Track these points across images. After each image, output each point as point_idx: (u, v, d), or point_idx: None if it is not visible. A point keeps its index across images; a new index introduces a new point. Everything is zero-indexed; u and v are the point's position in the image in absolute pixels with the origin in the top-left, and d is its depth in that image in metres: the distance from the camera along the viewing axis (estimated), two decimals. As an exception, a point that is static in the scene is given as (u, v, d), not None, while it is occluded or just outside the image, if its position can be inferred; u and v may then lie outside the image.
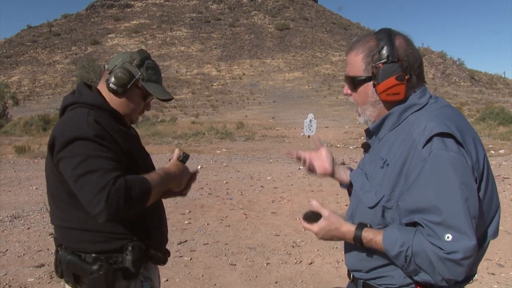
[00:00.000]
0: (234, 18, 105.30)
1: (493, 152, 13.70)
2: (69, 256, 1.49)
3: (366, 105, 1.31)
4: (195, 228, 5.39)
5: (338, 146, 17.77)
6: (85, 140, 1.38)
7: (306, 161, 1.58)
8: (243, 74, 71.42)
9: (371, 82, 1.26)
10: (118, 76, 1.54)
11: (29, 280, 3.72)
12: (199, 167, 10.79)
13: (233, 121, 29.88)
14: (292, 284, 3.72)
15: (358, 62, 1.28)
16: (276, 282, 3.75)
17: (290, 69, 73.75)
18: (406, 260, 1.13)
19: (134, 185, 1.34)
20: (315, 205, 1.36)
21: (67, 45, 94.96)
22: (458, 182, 1.08)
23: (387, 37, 1.24)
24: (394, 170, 1.19)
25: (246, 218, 5.89)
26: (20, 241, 4.84)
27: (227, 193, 7.58)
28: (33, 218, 5.87)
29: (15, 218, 5.80)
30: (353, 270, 1.35)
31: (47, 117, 23.48)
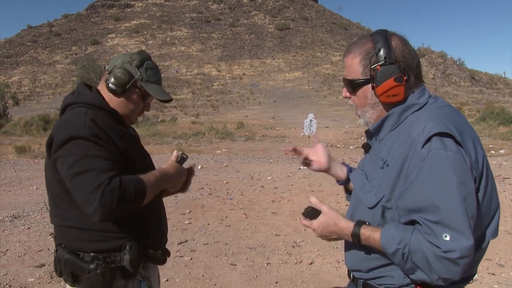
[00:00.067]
0: (234, 18, 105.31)
1: (493, 152, 13.69)
2: (66, 255, 1.50)
3: (366, 107, 1.32)
4: (196, 228, 5.39)
5: (338, 146, 17.76)
6: (81, 139, 1.38)
7: (302, 154, 1.60)
8: (243, 74, 71.43)
9: (370, 85, 1.26)
10: (117, 76, 1.55)
11: (29, 280, 3.73)
12: (199, 167, 10.79)
13: (233, 121, 29.89)
14: (292, 284, 3.72)
15: (355, 65, 1.28)
16: (276, 282, 3.75)
17: (290, 69, 73.76)
18: (403, 257, 1.13)
19: (129, 185, 1.34)
20: (314, 201, 1.36)
21: (68, 45, 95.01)
22: (457, 181, 1.08)
23: (383, 38, 1.24)
24: (393, 170, 1.19)
25: (246, 218, 5.89)
26: (20, 241, 4.85)
27: (228, 193, 7.58)
28: (33, 218, 5.87)
29: (16, 218, 5.80)
30: (353, 270, 1.36)
31: (48, 117, 23.46)
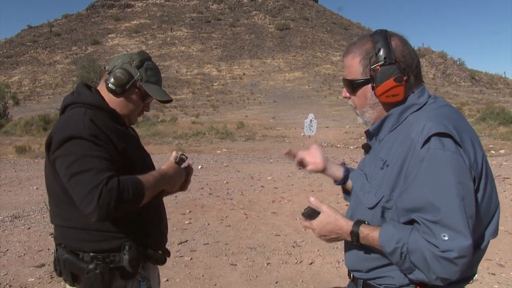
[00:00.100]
0: (235, 18, 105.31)
1: (493, 152, 13.68)
2: (66, 254, 1.50)
3: (365, 107, 1.32)
4: (196, 228, 5.39)
5: (339, 146, 17.76)
6: (80, 139, 1.39)
7: (297, 156, 1.61)
8: (244, 74, 71.43)
9: (370, 85, 1.26)
10: (117, 76, 1.56)
11: (29, 280, 3.73)
12: (200, 167, 10.79)
13: (233, 121, 29.89)
14: (292, 284, 3.72)
15: (355, 65, 1.28)
16: (276, 282, 3.75)
17: (291, 69, 73.75)
18: (401, 257, 1.13)
19: (127, 186, 1.34)
20: (314, 202, 1.36)
21: (68, 45, 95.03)
22: (455, 181, 1.08)
23: (383, 39, 1.24)
24: (393, 170, 1.19)
25: (247, 218, 5.89)
26: (20, 241, 4.85)
27: (228, 193, 7.58)
28: (33, 218, 5.87)
29: (16, 218, 5.80)
30: (353, 270, 1.36)
31: (48, 117, 23.45)
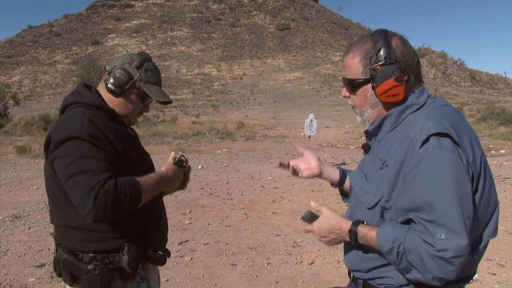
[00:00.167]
0: (235, 18, 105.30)
1: (493, 152, 13.68)
2: (65, 255, 1.50)
3: (365, 107, 1.32)
4: (196, 228, 5.39)
5: (339, 146, 17.76)
6: (78, 139, 1.38)
7: (290, 166, 1.59)
8: (244, 74, 71.42)
9: (370, 84, 1.26)
10: (117, 76, 1.55)
11: (30, 280, 3.73)
12: (200, 167, 10.79)
13: (233, 121, 29.89)
14: (292, 284, 3.72)
15: (355, 65, 1.28)
16: (276, 282, 3.75)
17: (291, 69, 73.74)
18: (398, 256, 1.13)
19: (124, 187, 1.34)
20: (314, 205, 1.37)
21: (68, 45, 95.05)
22: (452, 181, 1.08)
23: (384, 38, 1.24)
24: (392, 170, 1.19)
25: (247, 218, 5.89)
26: (21, 241, 4.85)
27: (228, 193, 7.58)
28: (33, 218, 5.88)
29: (16, 218, 5.81)
30: (353, 270, 1.36)
31: (48, 117, 23.46)
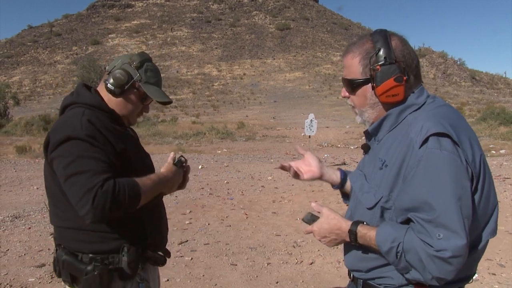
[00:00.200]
0: (235, 18, 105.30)
1: (494, 152, 13.68)
2: (65, 256, 1.50)
3: (365, 107, 1.32)
4: (196, 228, 5.39)
5: (339, 146, 17.76)
6: (77, 140, 1.38)
7: (292, 169, 1.58)
8: (244, 74, 71.42)
9: (370, 85, 1.26)
10: (116, 76, 1.55)
11: (30, 280, 3.73)
12: (200, 167, 10.80)
13: (233, 121, 29.89)
14: (293, 284, 3.72)
15: (355, 65, 1.28)
16: (277, 282, 3.75)
17: (291, 69, 73.74)
18: (397, 256, 1.13)
19: (123, 188, 1.34)
20: (315, 206, 1.37)
21: (68, 45, 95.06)
22: (451, 181, 1.08)
23: (383, 38, 1.24)
24: (392, 171, 1.19)
25: (247, 218, 5.89)
26: (21, 241, 4.85)
27: (228, 193, 7.58)
28: (34, 218, 5.88)
29: (16, 218, 5.81)
30: (352, 270, 1.36)
31: (48, 117, 23.47)
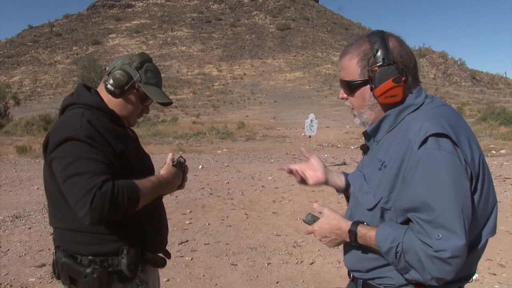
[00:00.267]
0: (235, 18, 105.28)
1: (494, 152, 13.67)
2: (64, 258, 1.48)
3: (363, 108, 1.32)
4: (196, 228, 5.39)
5: (339, 146, 17.76)
6: (76, 140, 1.38)
7: (298, 173, 1.57)
8: (244, 74, 71.41)
9: (368, 86, 1.26)
10: (116, 77, 1.55)
11: (30, 280, 3.73)
12: (200, 167, 10.80)
13: (234, 121, 29.89)
14: (293, 284, 3.72)
15: (353, 67, 1.28)
16: (277, 282, 3.75)
17: (291, 69, 73.73)
18: (396, 256, 1.13)
19: (122, 190, 1.33)
20: (317, 207, 1.36)
21: (68, 45, 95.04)
22: (450, 181, 1.08)
23: (381, 39, 1.24)
24: (391, 171, 1.19)
25: (247, 218, 5.90)
26: (21, 241, 4.85)
27: (228, 193, 7.59)
28: (34, 218, 5.88)
29: (17, 218, 5.81)
30: (352, 270, 1.36)
31: (48, 117, 23.47)
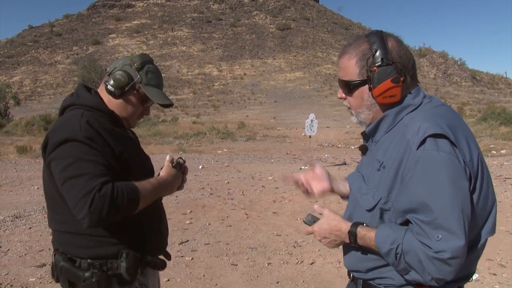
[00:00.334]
0: (236, 18, 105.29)
1: (494, 152, 13.67)
2: (62, 262, 1.47)
3: (362, 108, 1.31)
4: (197, 228, 5.39)
5: (340, 146, 17.77)
6: (76, 142, 1.37)
7: (303, 184, 1.54)
8: (244, 74, 71.42)
9: (367, 86, 1.26)
10: (117, 78, 1.54)
11: (30, 279, 3.73)
12: (200, 167, 10.80)
13: (234, 121, 29.90)
14: (293, 284, 3.72)
15: (351, 67, 1.28)
16: (277, 282, 3.75)
17: (291, 69, 73.74)
18: (396, 257, 1.13)
19: (121, 192, 1.32)
20: (317, 208, 1.36)
21: (69, 45, 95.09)
22: (449, 182, 1.08)
23: (379, 39, 1.23)
24: (390, 172, 1.19)
25: (248, 218, 5.89)
26: (21, 240, 4.85)
27: (229, 193, 7.58)
28: (34, 218, 5.88)
29: (17, 218, 5.82)
30: (352, 270, 1.36)
31: (49, 117, 23.50)
